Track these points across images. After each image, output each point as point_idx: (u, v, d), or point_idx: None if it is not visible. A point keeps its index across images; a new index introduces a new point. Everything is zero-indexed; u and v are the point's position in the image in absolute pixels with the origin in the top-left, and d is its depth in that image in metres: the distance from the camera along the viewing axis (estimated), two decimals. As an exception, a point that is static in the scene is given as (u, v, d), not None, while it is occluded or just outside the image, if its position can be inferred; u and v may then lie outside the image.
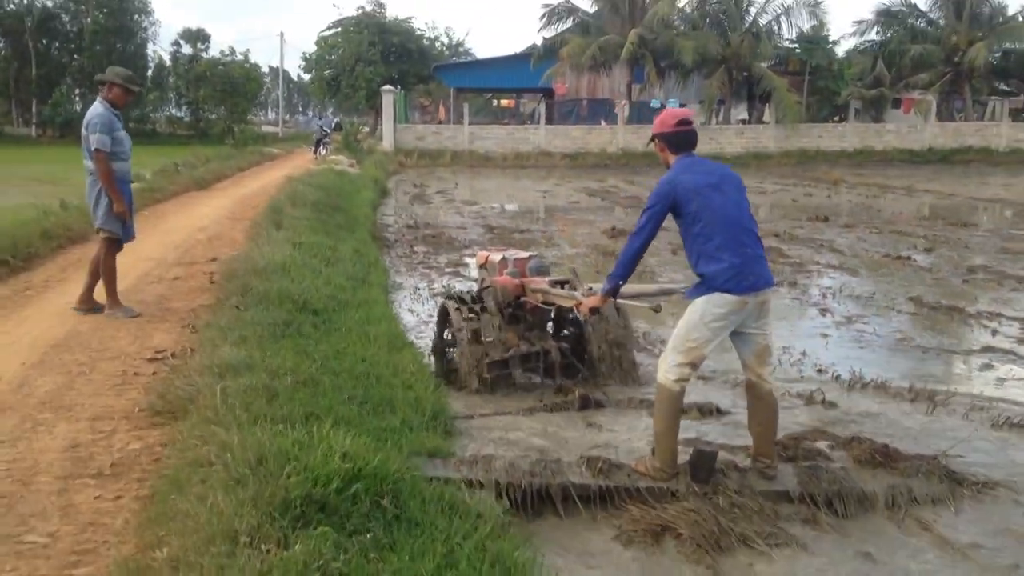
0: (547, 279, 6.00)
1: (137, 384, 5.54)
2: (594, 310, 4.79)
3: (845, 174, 29.98)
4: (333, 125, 35.40)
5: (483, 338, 5.92)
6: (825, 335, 8.02)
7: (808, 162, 35.89)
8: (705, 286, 4.13)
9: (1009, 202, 21.23)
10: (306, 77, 55.75)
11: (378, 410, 4.77)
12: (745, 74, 38.45)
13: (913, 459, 4.52)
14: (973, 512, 4.21)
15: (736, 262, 4.06)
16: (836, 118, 42.40)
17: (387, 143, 37.30)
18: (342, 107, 57.92)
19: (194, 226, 13.07)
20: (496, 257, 6.46)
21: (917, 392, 6.02)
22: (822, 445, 4.83)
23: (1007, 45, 40.41)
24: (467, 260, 12.38)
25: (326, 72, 47.54)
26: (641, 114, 40.37)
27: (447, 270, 11.47)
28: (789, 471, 4.33)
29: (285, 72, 64.69)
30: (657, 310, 4.84)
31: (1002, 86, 44.19)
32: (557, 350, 5.98)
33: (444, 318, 6.39)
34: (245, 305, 6.77)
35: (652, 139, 4.46)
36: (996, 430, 5.36)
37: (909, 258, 12.19)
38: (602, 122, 40.93)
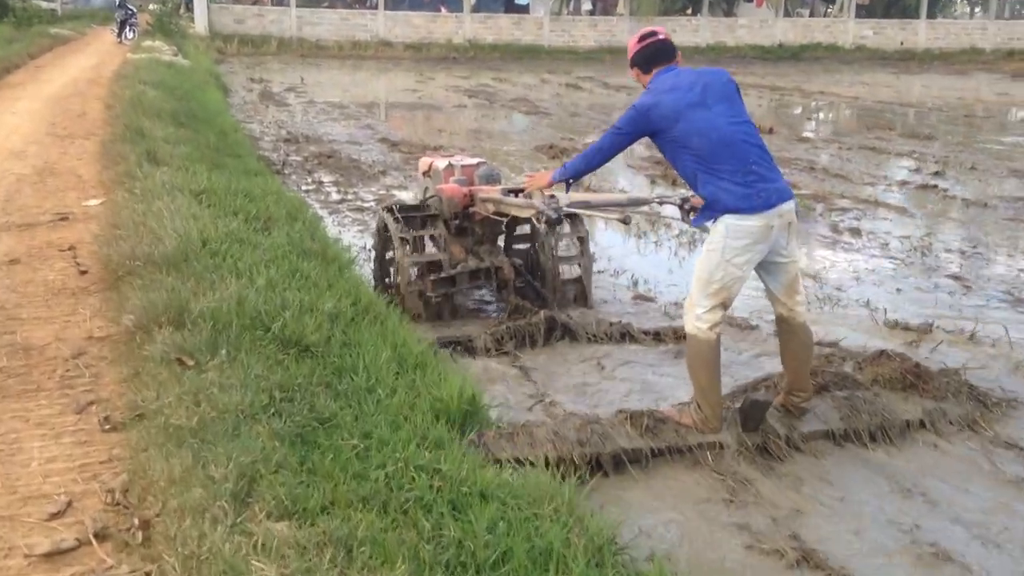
0: (499, 187, 5.46)
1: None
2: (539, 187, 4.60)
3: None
4: (117, 2, 29.59)
5: (428, 253, 5.59)
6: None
7: (663, 57, 34.10)
8: (711, 209, 3.69)
9: (921, 105, 19.97)
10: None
11: None
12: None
13: (938, 376, 4.40)
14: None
15: (743, 179, 3.61)
16: (689, 11, 40.67)
17: (200, 26, 32.34)
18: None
19: (4, 150, 9.06)
20: (441, 163, 5.92)
21: None
22: (848, 367, 4.63)
23: (857, -61, 39.64)
24: (395, 193, 9.38)
25: (118, -60, 40.52)
26: (488, 2, 37.15)
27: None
28: (827, 406, 4.13)
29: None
30: (626, 221, 4.39)
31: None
32: (510, 266, 5.65)
33: (383, 233, 5.82)
34: (190, 350, 3.65)
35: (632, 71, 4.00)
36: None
37: (935, 186, 10.18)
38: (442, 9, 37.28)
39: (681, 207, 4.38)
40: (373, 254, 6.09)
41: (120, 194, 6.37)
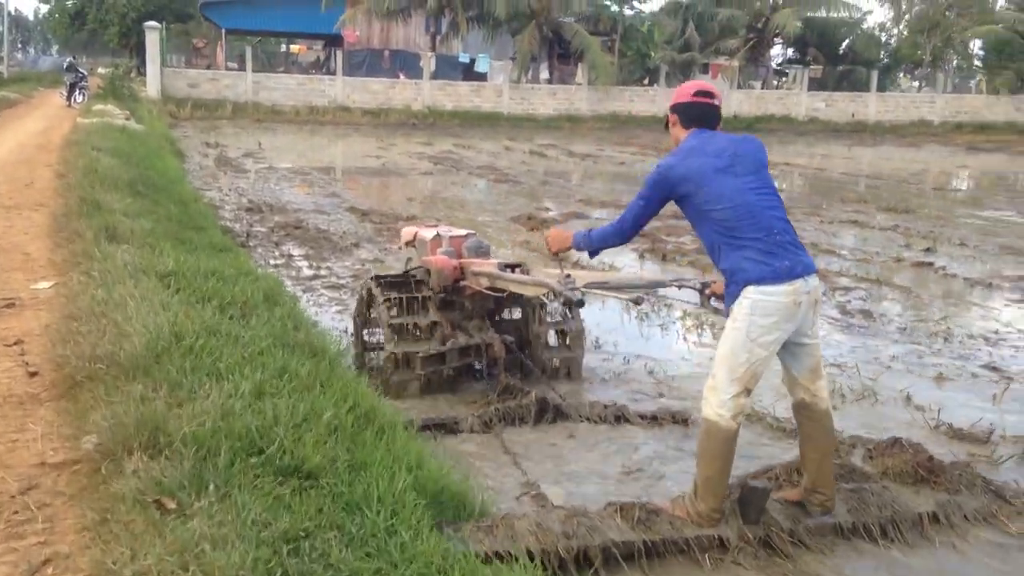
0: (493, 261, 5.28)
1: None
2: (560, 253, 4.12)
3: (663, 139, 28.27)
4: (66, 65, 28.82)
5: (416, 329, 5.30)
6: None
7: (621, 126, 34.37)
8: (734, 282, 3.43)
9: (889, 176, 19.93)
10: (43, 8, 46.98)
11: None
12: (553, 32, 35.93)
13: (950, 468, 4.15)
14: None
15: (766, 248, 3.37)
16: (646, 81, 41.03)
17: (152, 89, 31.73)
18: (87, 47, 49.68)
19: (-59, 221, 8.22)
20: (428, 233, 5.64)
21: None
22: (856, 458, 4.41)
23: (808, 13, 40.47)
24: (371, 268, 8.74)
25: (69, 3, 39.88)
26: (447, 69, 37.09)
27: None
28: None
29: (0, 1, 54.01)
30: (639, 302, 4.37)
31: (799, 55, 44.59)
32: (501, 343, 5.34)
33: (365, 306, 5.66)
34: (171, 487, 2.96)
35: (666, 117, 3.76)
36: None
37: (931, 264, 9.82)
38: (400, 75, 37.13)
39: (701, 292, 4.19)
40: (353, 326, 5.86)
41: (76, 277, 5.63)
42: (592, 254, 4.00)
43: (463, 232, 5.72)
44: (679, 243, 10.53)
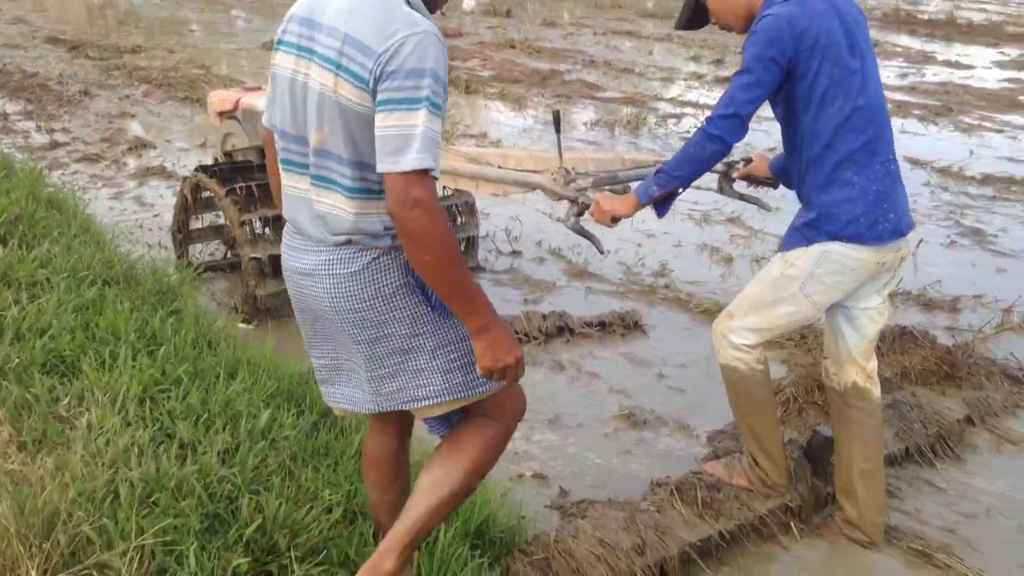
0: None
1: None
2: (616, 219, 2.59)
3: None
4: None
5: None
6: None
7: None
8: (820, 230, 2.41)
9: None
10: None
11: None
12: None
13: (963, 358, 3.70)
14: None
15: (879, 187, 2.38)
16: None
17: None
18: None
19: None
20: (259, 100, 4.15)
21: None
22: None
23: None
24: (118, 125, 7.04)
25: None
26: None
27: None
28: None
29: None
30: (601, 251, 2.79)
31: None
32: None
33: (187, 211, 4.27)
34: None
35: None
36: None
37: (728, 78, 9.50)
38: None
39: (725, 174, 3.00)
40: (173, 242, 4.43)
41: None
42: (663, 207, 2.59)
43: None
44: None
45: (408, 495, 1.99)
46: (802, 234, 2.49)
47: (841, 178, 2.41)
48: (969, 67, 10.36)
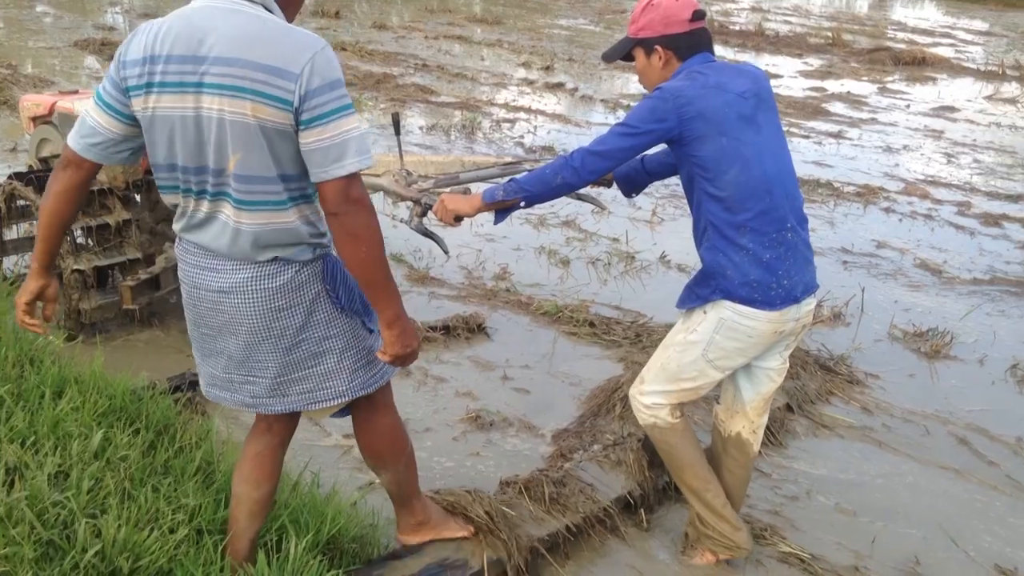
0: None
1: None
2: (459, 218, 2.67)
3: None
4: None
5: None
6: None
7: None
8: (713, 288, 2.53)
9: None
10: None
11: None
12: None
13: None
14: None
15: (771, 252, 2.49)
16: None
17: None
18: None
19: None
20: (82, 104, 3.92)
21: None
22: None
23: None
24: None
25: None
26: None
27: None
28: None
29: None
30: (446, 252, 2.93)
31: None
32: None
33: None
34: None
35: (630, 50, 2.60)
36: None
37: (561, 85, 9.75)
38: None
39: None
40: None
41: None
42: (502, 214, 2.63)
43: None
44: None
45: (272, 497, 2.17)
46: (696, 293, 2.57)
47: (737, 243, 2.48)
48: (777, 76, 11.04)
